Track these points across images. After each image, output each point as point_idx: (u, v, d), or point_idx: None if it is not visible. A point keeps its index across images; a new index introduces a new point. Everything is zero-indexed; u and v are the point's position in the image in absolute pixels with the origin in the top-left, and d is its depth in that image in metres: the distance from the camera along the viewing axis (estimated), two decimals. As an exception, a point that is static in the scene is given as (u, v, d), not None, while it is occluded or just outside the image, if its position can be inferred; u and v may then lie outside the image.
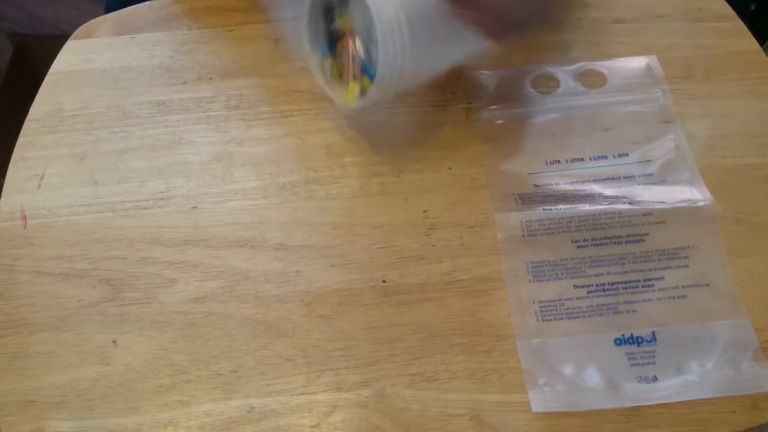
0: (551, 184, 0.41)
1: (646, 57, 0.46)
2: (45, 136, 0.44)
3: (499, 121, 0.44)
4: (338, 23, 0.39)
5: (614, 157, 0.42)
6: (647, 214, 0.39)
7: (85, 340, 0.37)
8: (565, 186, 0.41)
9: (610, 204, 0.39)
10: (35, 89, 0.47)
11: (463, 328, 0.37)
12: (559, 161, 0.42)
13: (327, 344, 0.36)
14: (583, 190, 0.40)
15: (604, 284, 0.37)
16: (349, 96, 0.39)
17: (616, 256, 0.38)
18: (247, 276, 0.39)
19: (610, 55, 0.46)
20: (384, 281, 0.38)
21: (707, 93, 0.44)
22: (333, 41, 0.40)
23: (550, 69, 0.46)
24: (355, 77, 0.39)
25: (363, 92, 0.38)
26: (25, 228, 0.41)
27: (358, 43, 0.38)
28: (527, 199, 0.40)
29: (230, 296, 0.38)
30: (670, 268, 0.38)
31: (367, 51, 0.38)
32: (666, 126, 0.43)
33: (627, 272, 0.38)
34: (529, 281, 0.38)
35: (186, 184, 0.42)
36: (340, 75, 0.40)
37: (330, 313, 0.37)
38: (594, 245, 0.38)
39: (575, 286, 0.37)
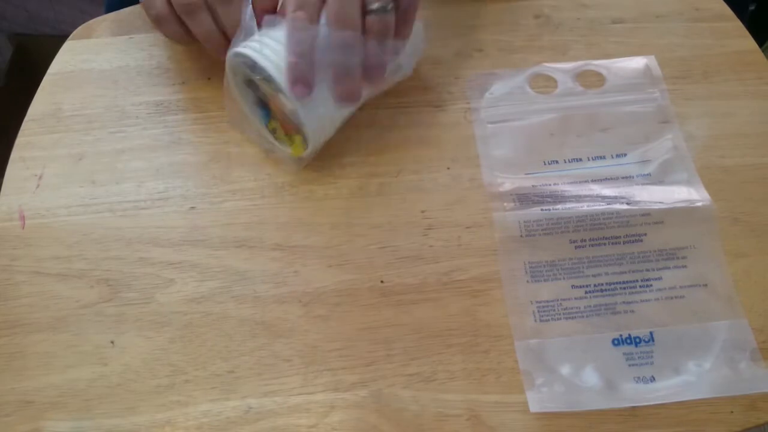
0: (549, 185, 0.41)
1: (645, 57, 0.46)
2: (43, 136, 0.45)
3: (498, 121, 0.44)
4: (263, 88, 0.40)
5: (612, 157, 0.42)
6: (645, 214, 0.39)
7: (83, 340, 0.37)
8: (563, 186, 0.41)
9: (608, 204, 0.39)
10: (35, 89, 0.47)
11: (460, 329, 0.37)
12: (557, 161, 0.42)
13: (325, 344, 0.36)
14: (582, 191, 0.40)
15: (602, 284, 0.37)
16: (297, 150, 0.41)
17: (614, 257, 0.38)
18: (245, 276, 0.39)
19: (609, 55, 0.46)
20: (382, 281, 0.38)
21: (705, 93, 0.44)
22: (265, 105, 0.42)
23: (549, 69, 0.46)
24: (296, 132, 0.41)
25: (305, 142, 0.41)
26: (23, 228, 0.41)
27: (284, 100, 0.39)
28: (525, 200, 0.40)
29: (228, 296, 0.38)
30: (668, 268, 0.38)
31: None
32: (664, 126, 0.43)
33: (625, 272, 0.38)
34: (527, 281, 0.38)
35: (184, 185, 0.42)
36: (284, 133, 0.42)
37: (328, 314, 0.37)
38: (592, 245, 0.38)
39: (573, 287, 0.37)
